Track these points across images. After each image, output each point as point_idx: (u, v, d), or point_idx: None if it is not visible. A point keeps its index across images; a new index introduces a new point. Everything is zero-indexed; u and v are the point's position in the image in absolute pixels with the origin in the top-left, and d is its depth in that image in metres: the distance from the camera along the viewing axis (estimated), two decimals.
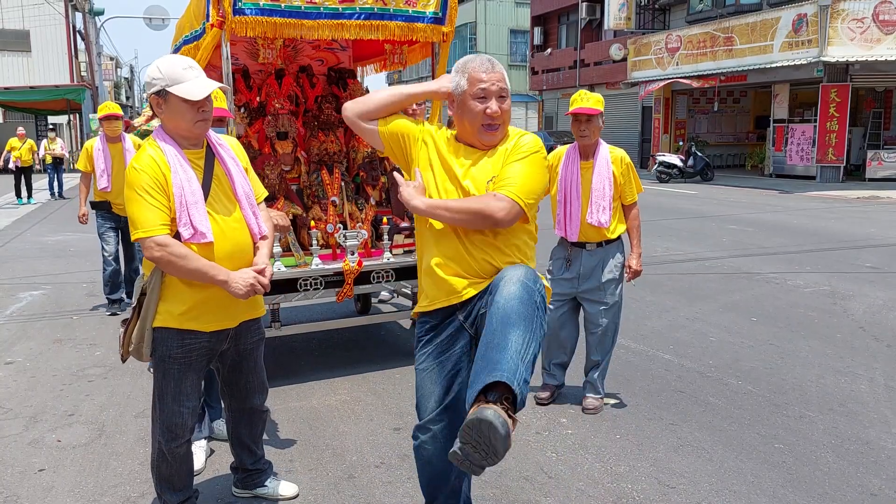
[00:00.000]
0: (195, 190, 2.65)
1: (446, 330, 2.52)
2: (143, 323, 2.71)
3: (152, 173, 2.59)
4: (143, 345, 2.73)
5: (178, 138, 2.70)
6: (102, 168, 6.47)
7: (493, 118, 2.38)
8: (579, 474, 3.52)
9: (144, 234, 2.57)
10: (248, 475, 3.26)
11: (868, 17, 17.44)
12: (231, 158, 2.84)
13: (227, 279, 2.64)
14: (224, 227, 2.72)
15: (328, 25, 4.45)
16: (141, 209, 2.58)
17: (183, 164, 2.66)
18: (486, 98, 2.38)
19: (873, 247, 9.53)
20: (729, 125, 25.66)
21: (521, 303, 2.17)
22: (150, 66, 2.67)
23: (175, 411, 2.81)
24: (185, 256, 2.57)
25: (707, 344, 5.56)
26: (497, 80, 2.39)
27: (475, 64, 2.42)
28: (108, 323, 6.43)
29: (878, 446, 3.76)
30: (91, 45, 30.01)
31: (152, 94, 2.65)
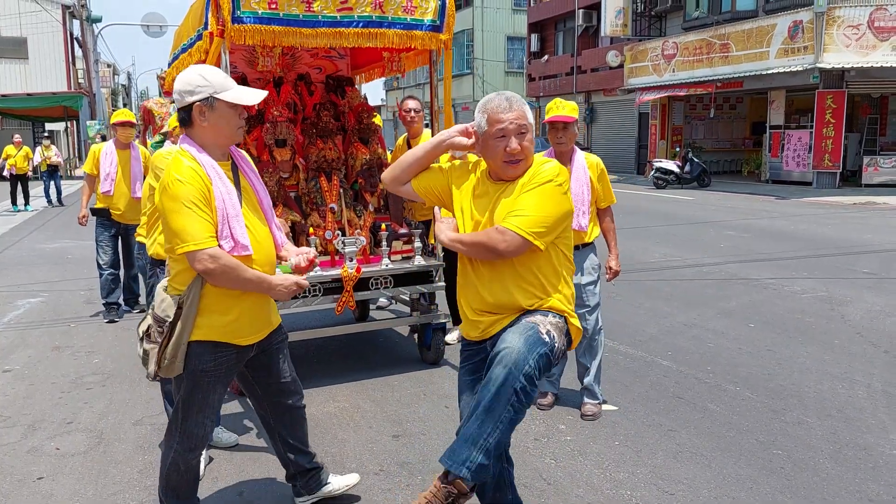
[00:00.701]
0: (235, 202, 2.65)
1: (479, 355, 2.72)
2: (180, 337, 2.65)
3: (197, 185, 2.56)
4: (177, 360, 2.67)
5: (212, 149, 2.68)
6: (107, 172, 6.52)
7: (512, 155, 2.48)
8: (578, 481, 3.52)
9: (196, 247, 2.53)
10: (310, 477, 3.20)
11: (863, 23, 17.52)
12: (252, 171, 2.87)
13: (271, 281, 2.71)
14: (258, 239, 2.74)
15: (326, 34, 4.47)
16: (190, 221, 2.53)
17: (221, 177, 2.65)
18: (505, 137, 2.47)
19: (870, 252, 9.56)
20: (725, 131, 25.71)
21: (495, 391, 2.38)
22: (188, 75, 2.64)
23: (199, 423, 2.81)
24: (236, 267, 2.59)
25: (705, 350, 5.57)
26: (515, 119, 2.47)
27: (494, 104, 2.50)
28: (106, 330, 6.43)
29: (877, 452, 3.77)
30: (88, 52, 29.99)
31: (197, 101, 2.60)
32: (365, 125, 5.57)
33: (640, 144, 27.43)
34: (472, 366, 2.77)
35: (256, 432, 4.15)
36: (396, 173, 2.77)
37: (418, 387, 4.88)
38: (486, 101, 2.56)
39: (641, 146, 27.19)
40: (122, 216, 6.58)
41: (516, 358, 2.38)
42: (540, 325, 2.49)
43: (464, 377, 2.82)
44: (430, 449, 3.90)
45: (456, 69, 37.95)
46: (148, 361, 2.72)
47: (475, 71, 38.26)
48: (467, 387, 2.79)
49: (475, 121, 2.57)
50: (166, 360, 2.67)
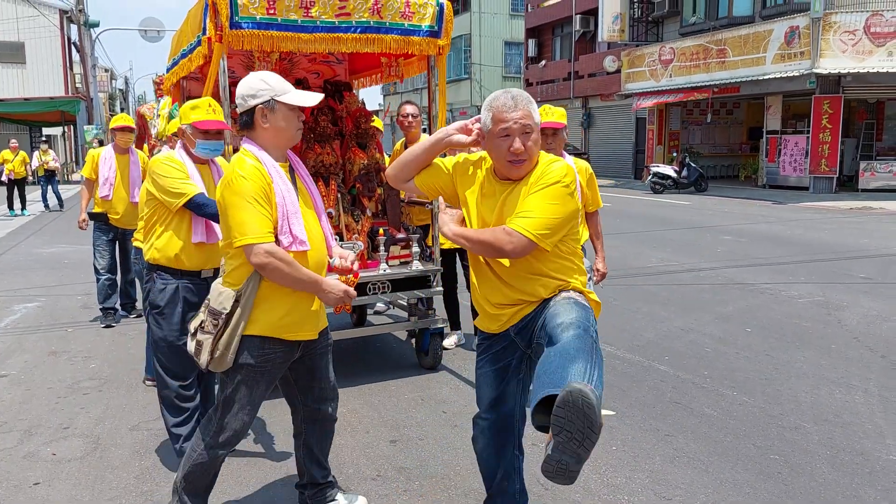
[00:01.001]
0: (294, 200, 2.75)
1: (500, 343, 2.74)
2: (235, 330, 2.72)
3: (259, 182, 2.66)
4: (230, 352, 2.73)
5: (272, 150, 2.78)
6: (106, 176, 6.52)
7: (516, 155, 2.46)
8: (576, 486, 3.52)
9: (252, 241, 2.62)
10: (319, 490, 3.21)
11: (860, 29, 17.59)
12: (306, 174, 2.98)
13: (323, 283, 2.74)
14: (312, 238, 2.82)
15: (325, 39, 4.48)
16: (249, 216, 2.63)
17: (282, 175, 2.76)
18: (509, 136, 2.45)
19: (867, 257, 9.58)
20: (722, 136, 25.78)
21: (577, 339, 2.23)
22: (250, 80, 2.77)
23: (238, 418, 2.83)
24: (291, 263, 2.66)
25: (702, 355, 5.57)
26: (519, 118, 2.44)
27: (499, 103, 2.48)
28: (103, 335, 6.42)
29: (873, 457, 3.77)
30: (86, 56, 29.95)
31: (259, 104, 2.72)
32: (363, 130, 5.57)
33: (637, 149, 27.49)
34: (492, 355, 2.77)
35: (253, 438, 4.14)
36: (398, 171, 2.79)
37: (416, 392, 4.88)
38: (492, 98, 2.54)
39: (638, 151, 27.24)
40: (120, 221, 6.58)
41: (579, 317, 2.33)
42: (575, 296, 2.53)
43: (485, 368, 2.80)
44: (428, 454, 3.90)
45: (454, 74, 38.01)
46: (201, 352, 2.77)
47: (473, 76, 38.32)
48: (490, 378, 2.78)
49: (482, 118, 2.57)
50: (219, 350, 2.73)
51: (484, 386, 2.82)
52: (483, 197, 2.64)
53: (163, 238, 3.57)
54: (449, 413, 4.49)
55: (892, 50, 17.55)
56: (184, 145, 3.65)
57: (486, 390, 2.80)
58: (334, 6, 4.44)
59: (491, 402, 2.80)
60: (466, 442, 4.02)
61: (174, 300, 3.58)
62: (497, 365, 2.76)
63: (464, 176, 2.71)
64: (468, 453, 3.85)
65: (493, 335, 2.76)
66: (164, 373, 3.63)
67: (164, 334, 3.58)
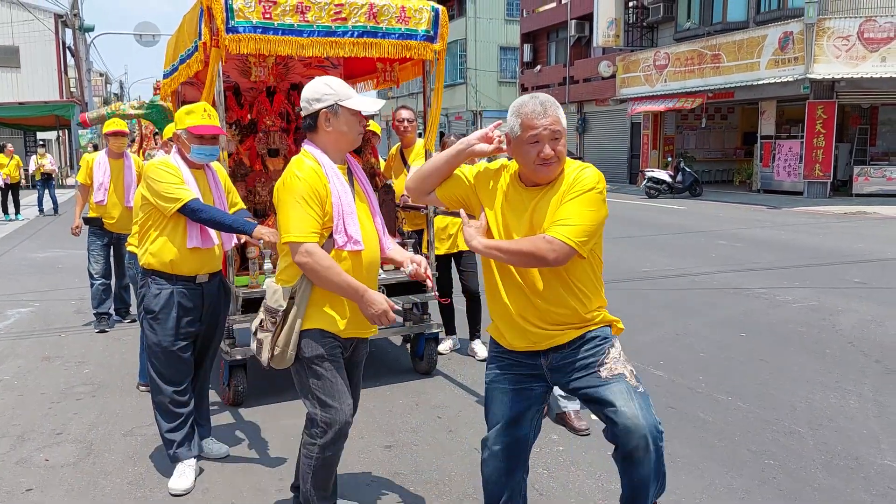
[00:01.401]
0: (350, 201, 2.82)
1: (525, 368, 2.64)
2: (292, 326, 2.77)
3: (313, 183, 2.72)
4: (289, 348, 2.78)
5: (333, 153, 2.85)
6: (101, 181, 6.51)
7: (546, 160, 2.43)
8: (570, 491, 3.52)
9: (295, 239, 2.68)
10: None
11: (853, 34, 17.67)
12: (364, 177, 3.03)
13: (365, 294, 2.72)
14: (368, 237, 2.86)
15: (321, 43, 4.48)
16: (297, 214, 2.69)
17: (339, 177, 2.83)
18: (539, 142, 2.42)
19: (861, 262, 9.60)
20: (717, 141, 25.85)
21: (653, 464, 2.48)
22: (315, 84, 2.83)
23: (338, 409, 2.83)
24: (329, 267, 2.69)
25: (697, 359, 5.57)
26: (549, 125, 2.42)
27: (528, 109, 2.45)
28: (97, 340, 6.39)
29: (868, 462, 3.78)
30: (81, 61, 29.92)
31: (323, 108, 2.78)
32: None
33: (632, 154, 27.55)
34: (512, 375, 2.67)
35: (248, 443, 4.13)
36: (418, 183, 2.75)
37: (410, 397, 4.87)
38: (519, 104, 2.49)
39: (633, 156, 27.30)
40: (115, 225, 6.56)
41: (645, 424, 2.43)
42: (626, 374, 2.53)
43: (502, 385, 2.69)
44: (422, 459, 3.89)
45: (449, 79, 38.03)
46: (262, 350, 2.82)
47: (468, 81, 38.38)
48: (507, 398, 2.67)
49: (508, 124, 2.52)
50: (279, 348, 2.79)
51: (499, 404, 2.70)
52: (508, 205, 2.58)
53: (157, 243, 3.56)
54: (444, 418, 4.48)
55: (885, 55, 17.63)
56: (179, 150, 3.64)
57: (502, 409, 2.69)
58: (330, 10, 4.44)
59: (507, 423, 2.68)
60: (461, 447, 4.03)
61: (169, 305, 3.57)
62: (517, 386, 2.66)
63: (485, 185, 2.66)
64: (463, 458, 3.86)
65: (516, 353, 2.64)
66: (158, 378, 3.62)
67: (158, 339, 3.57)
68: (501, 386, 2.68)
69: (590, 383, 2.51)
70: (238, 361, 4.61)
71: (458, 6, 39.04)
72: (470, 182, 2.69)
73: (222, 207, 3.71)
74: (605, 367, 2.52)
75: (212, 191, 3.70)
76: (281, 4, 4.30)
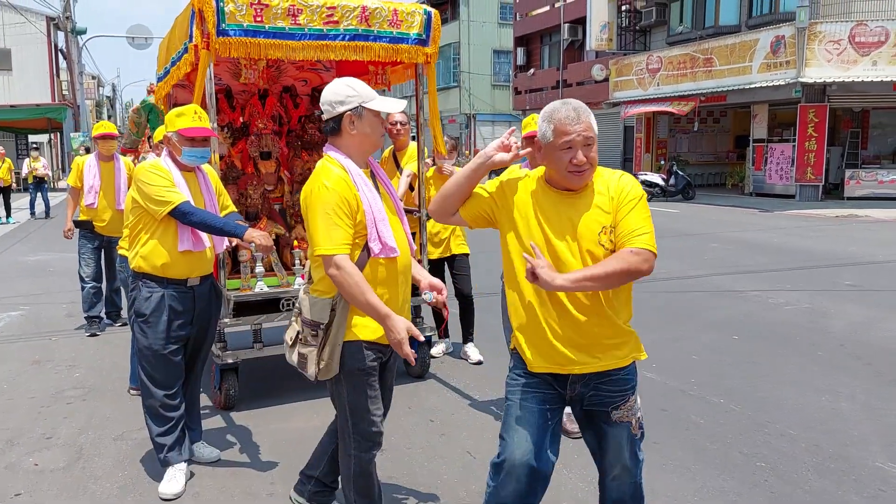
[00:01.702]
0: (380, 208, 2.77)
1: (552, 390, 2.53)
2: (335, 339, 2.74)
3: (342, 192, 2.67)
4: (334, 361, 2.75)
5: (356, 156, 2.80)
6: (91, 184, 6.48)
7: (578, 167, 2.36)
8: (563, 494, 3.51)
9: (326, 252, 2.64)
10: (322, 492, 3.23)
11: (844, 38, 17.76)
12: (386, 178, 2.98)
13: (387, 320, 2.65)
14: (401, 242, 2.84)
15: (312, 46, 4.47)
16: (326, 226, 2.65)
17: (367, 183, 2.77)
18: (572, 148, 2.35)
19: (852, 265, 9.64)
20: (709, 144, 25.94)
21: None
22: (336, 86, 2.78)
23: (372, 421, 2.83)
24: (357, 283, 2.63)
25: (690, 362, 5.58)
26: (583, 131, 2.35)
27: (562, 115, 2.37)
28: (87, 344, 6.36)
29: (859, 464, 3.78)
30: (73, 63, 29.81)
31: (347, 111, 2.73)
32: None
33: (625, 157, 27.63)
34: (542, 395, 2.53)
35: (239, 447, 4.11)
36: (441, 206, 2.62)
37: (403, 400, 4.85)
38: (552, 110, 2.41)
39: (626, 159, 27.38)
40: (106, 228, 6.53)
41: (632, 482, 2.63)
42: (633, 422, 2.56)
43: (529, 403, 2.52)
44: (415, 463, 3.88)
45: (442, 82, 38.08)
46: (307, 364, 2.79)
47: (462, 84, 38.42)
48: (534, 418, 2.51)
49: (539, 130, 2.42)
50: (324, 361, 2.75)
51: (524, 424, 2.51)
52: (543, 213, 2.44)
53: (148, 246, 3.54)
54: (437, 422, 4.47)
55: (876, 59, 17.74)
56: (170, 153, 3.63)
57: (528, 430, 2.50)
58: (322, 14, 4.44)
59: (534, 447, 2.48)
60: (454, 450, 4.02)
61: (160, 308, 3.55)
62: (544, 406, 2.52)
63: (509, 196, 2.52)
64: (456, 462, 3.85)
65: (543, 375, 2.51)
66: (149, 382, 3.60)
67: (149, 343, 3.55)
68: (529, 405, 2.52)
69: (600, 420, 2.54)
70: (229, 365, 4.59)
71: (452, 9, 39.10)
72: (489, 194, 2.57)
73: (213, 210, 3.69)
74: (618, 412, 2.51)
75: (203, 193, 3.69)
76: (272, 7, 4.29)
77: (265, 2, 4.26)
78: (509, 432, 2.53)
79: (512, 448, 2.50)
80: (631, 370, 2.53)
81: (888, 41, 17.61)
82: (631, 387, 2.53)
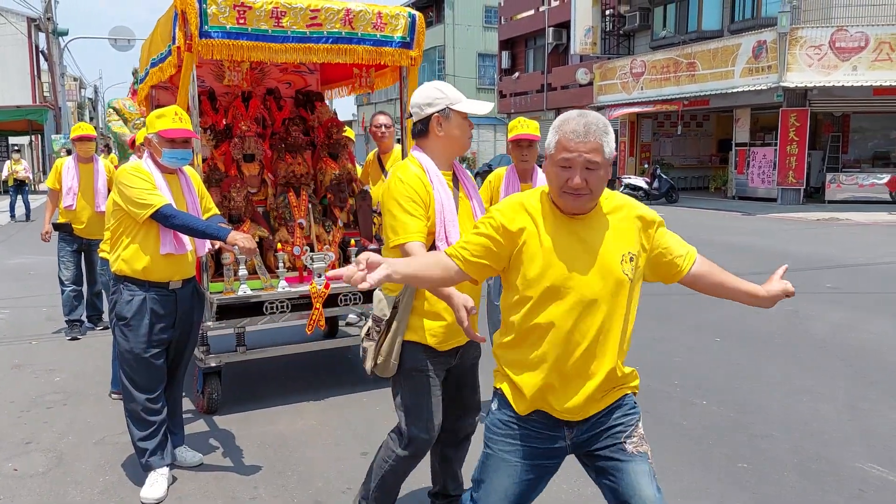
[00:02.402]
0: (452, 209, 2.79)
1: (543, 441, 2.21)
2: (395, 336, 2.73)
3: (416, 187, 2.71)
4: (392, 358, 2.73)
5: (441, 158, 2.83)
6: (69, 186, 6.43)
7: (575, 189, 2.05)
8: (547, 497, 3.50)
9: (400, 241, 2.67)
10: (448, 502, 3.20)
11: (825, 44, 17.97)
12: (472, 185, 2.98)
13: (452, 297, 2.58)
14: None
15: (296, 49, 4.46)
16: (401, 217, 2.68)
17: (443, 183, 2.79)
18: (571, 168, 2.05)
19: (833, 267, 9.74)
20: (692, 148, 26.15)
21: None
22: (426, 89, 2.82)
23: (426, 427, 2.81)
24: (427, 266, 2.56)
25: (673, 364, 5.61)
26: (586, 152, 2.03)
27: (569, 128, 2.06)
28: (68, 348, 6.30)
29: (841, 465, 3.82)
30: (54, 65, 29.53)
31: (435, 112, 2.76)
32: (334, 140, 5.55)
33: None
34: (529, 450, 2.21)
35: (222, 451, 4.08)
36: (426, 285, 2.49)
37: (387, 404, 4.81)
38: (563, 121, 2.10)
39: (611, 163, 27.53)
40: (85, 231, 6.47)
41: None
42: (648, 453, 2.22)
43: (510, 458, 2.21)
44: None
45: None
46: (366, 359, 2.80)
47: None
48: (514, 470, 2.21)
49: (548, 138, 2.14)
50: (381, 357, 2.74)
51: (504, 479, 2.21)
52: (554, 240, 2.10)
53: (130, 249, 3.51)
54: None
55: (856, 64, 17.95)
56: (151, 155, 3.60)
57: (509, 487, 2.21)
58: (306, 16, 4.42)
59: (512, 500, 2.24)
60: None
61: (141, 312, 3.52)
62: (531, 461, 2.21)
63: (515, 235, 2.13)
64: None
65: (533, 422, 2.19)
66: (131, 386, 3.57)
67: (130, 346, 3.52)
68: (510, 458, 2.20)
69: (613, 455, 2.19)
70: (212, 368, 4.56)
71: (437, 13, 39.16)
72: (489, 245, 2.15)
73: (196, 213, 3.67)
74: (632, 441, 2.20)
75: (185, 196, 3.66)
76: (256, 9, 4.27)
77: (248, 4, 4.24)
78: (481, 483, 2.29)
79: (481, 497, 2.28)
80: (631, 397, 2.31)
81: (868, 46, 17.84)
82: (635, 407, 2.27)
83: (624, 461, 2.18)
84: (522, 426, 2.21)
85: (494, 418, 2.27)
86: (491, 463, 2.26)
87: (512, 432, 2.22)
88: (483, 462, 2.29)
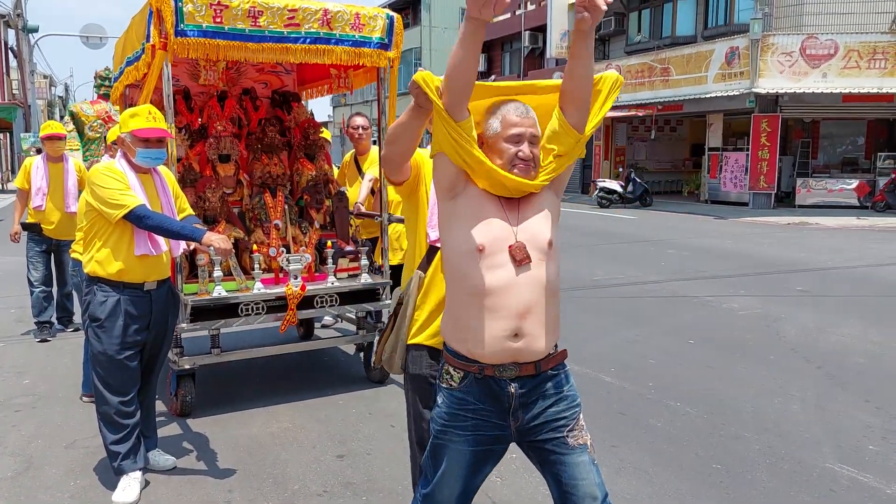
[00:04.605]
0: None
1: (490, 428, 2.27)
2: (398, 334, 2.68)
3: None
4: (396, 356, 2.69)
5: None
6: (38, 186, 6.31)
7: (524, 160, 2.25)
8: (523, 498, 3.53)
9: None
10: None
11: (796, 51, 18.25)
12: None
13: None
14: None
15: (273, 49, 4.43)
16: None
17: None
18: (519, 142, 2.25)
19: (803, 271, 9.90)
20: (666, 152, 26.39)
21: None
22: None
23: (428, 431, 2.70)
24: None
25: (647, 366, 5.66)
26: (530, 126, 2.27)
27: (510, 107, 2.30)
28: (37, 350, 6.19)
29: (811, 465, 3.88)
30: (24, 62, 29.04)
31: None
32: (311, 141, 5.53)
33: (584, 164, 27.88)
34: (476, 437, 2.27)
35: (196, 455, 4.04)
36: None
37: (364, 406, 4.83)
38: (497, 105, 2.33)
39: (585, 166, 27.65)
40: (55, 231, 6.37)
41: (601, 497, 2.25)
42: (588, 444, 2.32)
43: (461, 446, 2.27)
44: (376, 469, 3.86)
45: (404, 87, 37.90)
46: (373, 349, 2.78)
47: None
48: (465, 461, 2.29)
49: (486, 123, 2.31)
50: (386, 353, 2.72)
51: (455, 468, 2.29)
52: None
53: (103, 251, 3.47)
54: (397, 427, 4.45)
55: (826, 71, 18.25)
56: (124, 154, 3.56)
57: (456, 478, 2.30)
58: (283, 16, 4.40)
59: (459, 495, 2.32)
60: None
61: (115, 313, 3.47)
62: (478, 447, 2.28)
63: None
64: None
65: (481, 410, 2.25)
66: (104, 388, 3.52)
67: (103, 348, 3.47)
68: (461, 447, 2.27)
69: (555, 448, 2.27)
70: (186, 371, 4.52)
71: (414, 15, 39.16)
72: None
73: (170, 213, 3.63)
74: (573, 434, 2.29)
75: (159, 196, 3.63)
76: (233, 9, 4.24)
77: (225, 3, 4.21)
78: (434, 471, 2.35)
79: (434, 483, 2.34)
80: (573, 384, 2.38)
81: (837, 54, 18.14)
82: (576, 400, 2.35)
83: (566, 454, 2.28)
84: (469, 415, 2.27)
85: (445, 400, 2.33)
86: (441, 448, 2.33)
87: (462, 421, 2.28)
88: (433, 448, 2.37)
